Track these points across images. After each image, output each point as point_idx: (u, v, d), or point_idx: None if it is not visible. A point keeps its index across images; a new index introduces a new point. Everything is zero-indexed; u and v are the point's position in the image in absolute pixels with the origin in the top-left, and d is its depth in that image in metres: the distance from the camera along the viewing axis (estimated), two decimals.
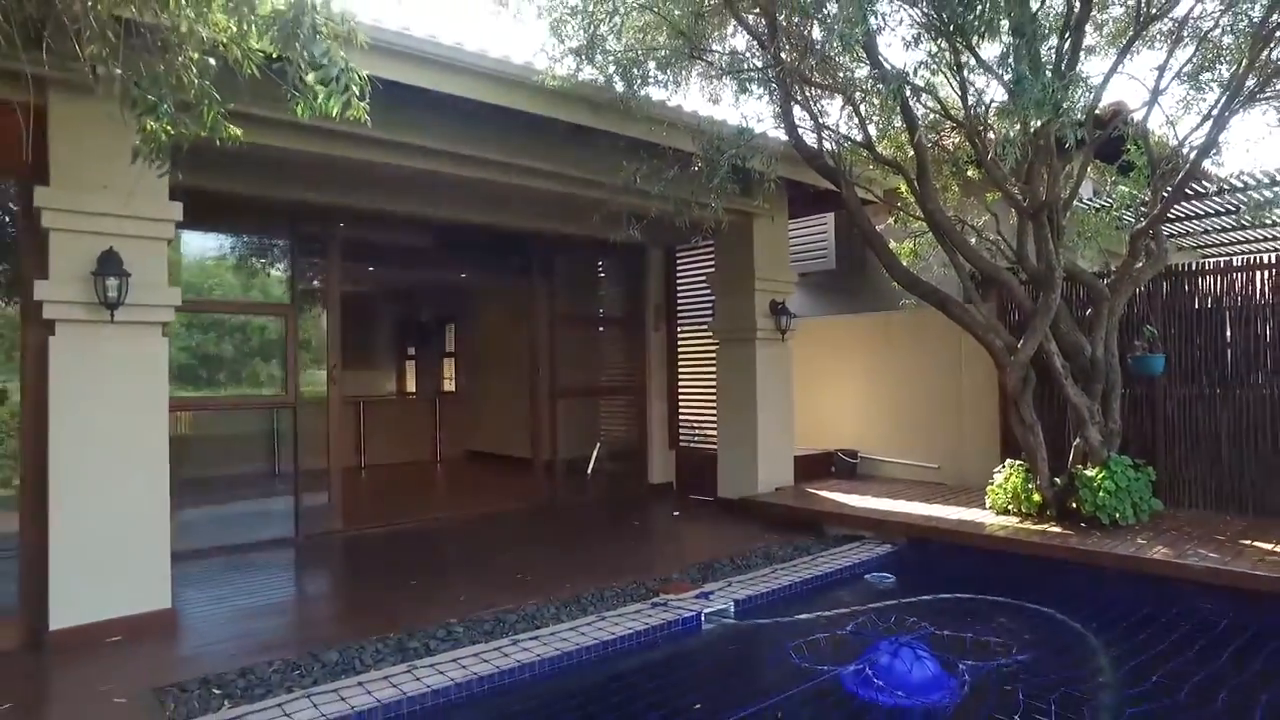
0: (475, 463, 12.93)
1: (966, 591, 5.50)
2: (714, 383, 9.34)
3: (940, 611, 5.16)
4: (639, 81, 5.79)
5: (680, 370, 10.26)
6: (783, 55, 6.01)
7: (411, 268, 11.31)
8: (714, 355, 9.33)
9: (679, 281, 10.29)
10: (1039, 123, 4.92)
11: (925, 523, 6.94)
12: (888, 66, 5.35)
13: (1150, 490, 6.55)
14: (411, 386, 14.89)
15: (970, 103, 6.16)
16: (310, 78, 2.72)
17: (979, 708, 3.80)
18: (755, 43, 6.25)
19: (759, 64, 6.10)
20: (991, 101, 6.31)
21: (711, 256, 9.34)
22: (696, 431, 10.02)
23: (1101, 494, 6.23)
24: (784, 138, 6.79)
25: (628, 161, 6.03)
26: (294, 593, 6.24)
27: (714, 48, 6.41)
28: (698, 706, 3.86)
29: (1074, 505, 6.40)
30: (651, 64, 5.79)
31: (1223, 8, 6.04)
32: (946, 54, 5.60)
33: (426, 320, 14.69)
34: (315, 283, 7.62)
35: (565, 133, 6.25)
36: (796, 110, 6.64)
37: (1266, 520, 6.50)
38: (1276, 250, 7.31)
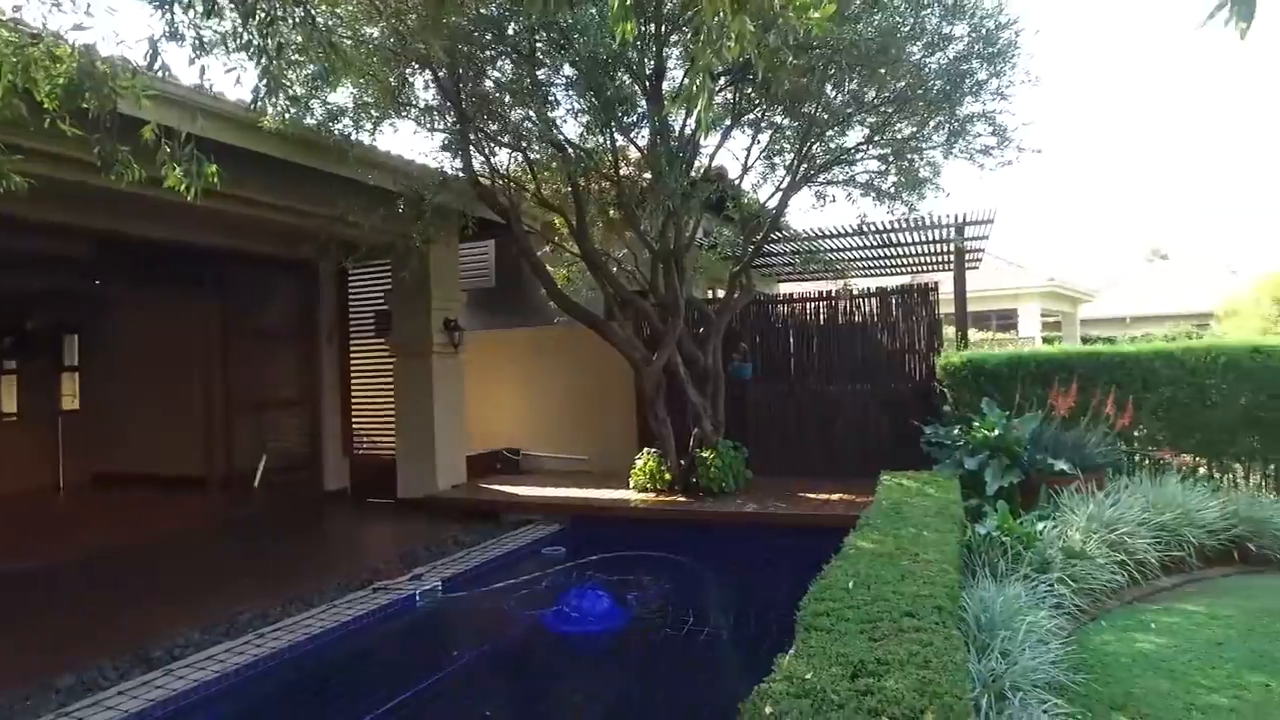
0: (116, 485, 11.71)
1: (622, 551, 7.10)
2: (388, 392, 10.01)
3: (606, 566, 6.68)
4: (350, 129, 6.44)
5: (354, 381, 10.68)
6: (464, 107, 7.08)
7: (61, 278, 10.01)
8: (387, 367, 10.01)
9: (351, 297, 10.70)
10: (672, 204, 6.64)
11: (583, 503, 8.49)
12: (569, 150, 6.75)
13: (745, 464, 8.78)
14: (12, 406, 12.89)
15: (623, 173, 7.85)
16: (178, 172, 3.14)
17: (644, 623, 5.34)
18: (447, 101, 7.22)
19: (451, 119, 7.10)
20: (639, 173, 8.08)
21: (384, 273, 9.96)
22: (368, 439, 10.54)
23: (713, 470, 8.28)
24: (464, 176, 7.81)
25: (340, 196, 6.63)
26: None
27: (413, 102, 7.23)
28: (455, 653, 4.83)
29: (695, 480, 8.36)
30: (362, 115, 6.48)
31: (784, 112, 8.41)
32: (608, 141, 7.20)
33: (35, 329, 12.84)
34: None
35: (276, 166, 6.58)
36: (478, 158, 7.75)
37: (816, 480, 9.06)
38: (822, 286, 10.16)
